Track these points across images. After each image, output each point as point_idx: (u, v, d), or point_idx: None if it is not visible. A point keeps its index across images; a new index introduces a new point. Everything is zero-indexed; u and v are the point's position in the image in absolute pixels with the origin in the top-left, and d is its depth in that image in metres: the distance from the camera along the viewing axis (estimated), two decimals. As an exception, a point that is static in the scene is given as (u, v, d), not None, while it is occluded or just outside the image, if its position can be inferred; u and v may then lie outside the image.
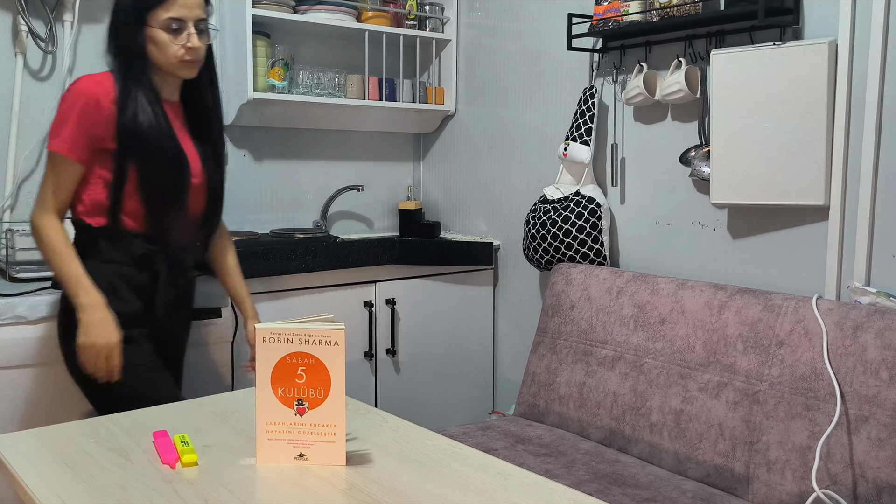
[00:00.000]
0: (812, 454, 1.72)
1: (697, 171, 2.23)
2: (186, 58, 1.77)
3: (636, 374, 2.11)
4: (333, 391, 1.28)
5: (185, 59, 1.78)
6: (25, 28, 2.42)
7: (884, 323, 1.70)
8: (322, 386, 1.28)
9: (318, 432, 1.29)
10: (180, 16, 1.75)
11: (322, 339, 1.26)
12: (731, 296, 1.99)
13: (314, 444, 1.29)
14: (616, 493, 1.85)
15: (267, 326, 1.27)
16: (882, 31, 1.85)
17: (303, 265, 2.53)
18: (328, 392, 1.28)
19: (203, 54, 1.83)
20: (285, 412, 1.29)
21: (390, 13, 2.98)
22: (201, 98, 1.90)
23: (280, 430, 1.29)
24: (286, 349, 1.27)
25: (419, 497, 1.20)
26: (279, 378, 1.28)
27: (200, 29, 1.79)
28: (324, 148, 3.09)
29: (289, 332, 1.26)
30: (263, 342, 1.27)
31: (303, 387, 1.28)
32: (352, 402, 1.65)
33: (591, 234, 2.43)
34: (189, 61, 1.79)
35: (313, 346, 1.26)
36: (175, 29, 1.75)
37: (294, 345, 1.27)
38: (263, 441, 1.30)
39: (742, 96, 2.06)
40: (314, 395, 1.28)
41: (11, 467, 1.28)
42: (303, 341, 1.26)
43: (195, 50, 1.78)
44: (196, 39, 1.77)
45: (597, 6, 2.39)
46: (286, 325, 1.27)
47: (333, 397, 1.28)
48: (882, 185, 1.90)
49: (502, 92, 2.94)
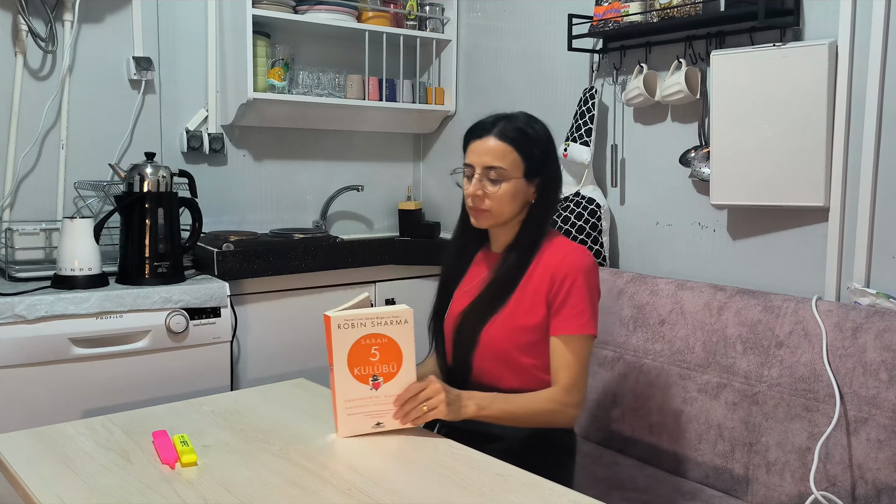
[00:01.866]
0: (811, 455, 1.72)
1: (697, 171, 2.23)
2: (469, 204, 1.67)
3: (636, 374, 2.11)
4: (405, 364, 1.43)
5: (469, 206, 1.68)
6: (25, 28, 2.42)
7: (883, 324, 1.70)
8: (395, 361, 1.43)
9: (393, 401, 1.44)
10: (469, 161, 1.66)
11: (392, 320, 1.39)
12: (731, 297, 1.99)
13: (389, 412, 1.44)
14: (615, 494, 1.85)
15: (340, 314, 1.39)
16: (882, 32, 1.85)
17: (303, 265, 2.53)
18: (400, 365, 1.43)
19: (486, 204, 1.63)
20: (362, 389, 1.42)
21: (390, 13, 2.98)
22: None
23: (358, 405, 1.42)
24: (360, 332, 1.40)
25: (419, 497, 1.20)
26: (355, 359, 1.41)
27: (491, 178, 1.62)
28: (324, 148, 3.09)
29: (361, 318, 1.39)
30: (339, 329, 1.40)
31: (377, 364, 1.42)
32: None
33: (590, 235, 2.43)
34: (471, 208, 1.68)
35: (385, 326, 1.40)
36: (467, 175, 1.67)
37: (367, 328, 1.39)
38: (344, 417, 1.42)
39: (742, 97, 2.06)
40: (388, 370, 1.43)
41: (11, 467, 1.28)
42: (375, 324, 1.39)
43: (476, 197, 1.64)
44: (476, 186, 1.63)
45: (597, 7, 2.39)
46: (358, 311, 1.40)
47: (406, 369, 1.43)
48: (882, 186, 1.90)
49: (502, 92, 2.94)
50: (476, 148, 1.64)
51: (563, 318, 1.59)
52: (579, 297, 1.60)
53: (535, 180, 1.65)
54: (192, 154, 2.78)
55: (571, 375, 1.58)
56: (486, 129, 1.64)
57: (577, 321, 1.59)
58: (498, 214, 1.64)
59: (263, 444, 1.40)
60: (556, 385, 1.58)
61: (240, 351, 2.45)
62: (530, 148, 1.63)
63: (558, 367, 1.59)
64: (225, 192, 2.86)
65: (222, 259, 2.39)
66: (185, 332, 2.24)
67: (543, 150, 1.66)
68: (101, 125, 2.60)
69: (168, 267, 2.30)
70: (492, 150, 1.61)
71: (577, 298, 1.59)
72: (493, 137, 1.62)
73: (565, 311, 1.59)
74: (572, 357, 1.58)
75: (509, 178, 1.61)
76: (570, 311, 1.59)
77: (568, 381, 1.57)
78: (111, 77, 2.61)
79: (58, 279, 2.17)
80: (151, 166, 2.31)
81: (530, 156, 1.63)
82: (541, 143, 1.66)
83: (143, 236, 2.28)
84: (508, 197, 1.62)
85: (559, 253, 1.64)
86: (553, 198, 1.71)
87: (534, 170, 1.64)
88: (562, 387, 1.57)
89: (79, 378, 2.10)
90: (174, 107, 2.74)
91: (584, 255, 1.64)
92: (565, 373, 1.58)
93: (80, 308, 2.08)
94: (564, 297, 1.59)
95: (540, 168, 1.65)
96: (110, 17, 2.59)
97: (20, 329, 2.02)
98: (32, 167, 2.49)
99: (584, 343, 1.60)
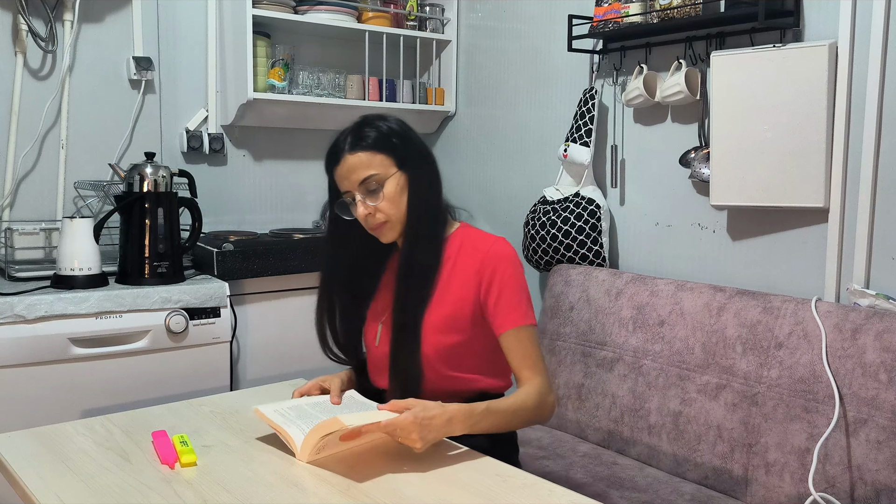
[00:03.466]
0: (810, 456, 1.72)
1: (697, 172, 2.23)
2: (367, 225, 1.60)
3: (635, 375, 2.11)
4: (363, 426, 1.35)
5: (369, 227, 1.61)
6: (25, 27, 2.42)
7: (883, 325, 1.70)
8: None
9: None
10: (344, 189, 1.60)
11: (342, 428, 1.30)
12: (731, 297, 1.99)
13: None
14: (614, 495, 1.85)
15: (310, 452, 1.33)
16: (882, 33, 1.86)
17: (302, 265, 2.53)
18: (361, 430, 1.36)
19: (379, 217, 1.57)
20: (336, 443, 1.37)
21: (391, 14, 2.98)
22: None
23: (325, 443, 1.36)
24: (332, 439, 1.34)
25: (418, 498, 1.20)
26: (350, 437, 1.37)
27: (370, 189, 1.56)
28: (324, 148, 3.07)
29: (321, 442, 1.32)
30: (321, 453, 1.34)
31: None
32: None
33: (590, 236, 2.43)
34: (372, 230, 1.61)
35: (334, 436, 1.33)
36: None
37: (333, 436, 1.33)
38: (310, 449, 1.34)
39: (742, 98, 2.06)
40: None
41: (10, 467, 1.28)
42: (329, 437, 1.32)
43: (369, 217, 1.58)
44: (363, 207, 1.56)
45: (597, 7, 2.39)
46: (309, 442, 1.32)
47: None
48: (882, 187, 1.90)
49: (502, 93, 2.94)
50: (341, 173, 1.58)
51: (506, 313, 1.54)
52: (513, 289, 1.55)
53: (406, 169, 1.58)
54: (191, 154, 2.78)
55: (536, 364, 1.54)
56: (340, 150, 1.58)
57: (519, 312, 1.54)
58: (398, 219, 1.57)
59: (263, 444, 1.40)
60: (527, 380, 1.53)
61: (239, 351, 2.45)
62: (388, 141, 1.57)
63: (520, 360, 1.54)
64: (225, 192, 2.86)
65: (222, 259, 2.39)
66: (185, 332, 2.24)
67: (400, 136, 1.60)
68: (100, 125, 2.60)
69: (168, 267, 2.30)
70: (356, 164, 1.55)
71: (512, 290, 1.55)
72: (348, 154, 1.56)
73: (505, 305, 1.54)
74: (529, 346, 1.54)
75: (386, 177, 1.55)
76: (510, 304, 1.54)
77: (536, 370, 1.53)
78: (111, 77, 2.61)
79: (57, 279, 2.17)
80: (151, 166, 2.31)
81: (392, 148, 1.57)
82: (396, 132, 1.59)
83: (142, 236, 2.28)
84: (396, 196, 1.56)
85: (480, 246, 1.58)
86: (430, 176, 1.63)
87: (402, 158, 1.57)
88: (537, 379, 1.53)
89: (78, 378, 2.10)
90: (174, 107, 2.74)
91: (504, 243, 1.59)
92: (529, 363, 1.53)
93: (79, 308, 2.09)
94: (499, 292, 1.54)
95: (406, 154, 1.58)
96: (110, 17, 2.59)
97: (20, 329, 2.02)
98: (32, 167, 2.49)
99: (532, 331, 1.56)
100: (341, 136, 1.61)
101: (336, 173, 1.60)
